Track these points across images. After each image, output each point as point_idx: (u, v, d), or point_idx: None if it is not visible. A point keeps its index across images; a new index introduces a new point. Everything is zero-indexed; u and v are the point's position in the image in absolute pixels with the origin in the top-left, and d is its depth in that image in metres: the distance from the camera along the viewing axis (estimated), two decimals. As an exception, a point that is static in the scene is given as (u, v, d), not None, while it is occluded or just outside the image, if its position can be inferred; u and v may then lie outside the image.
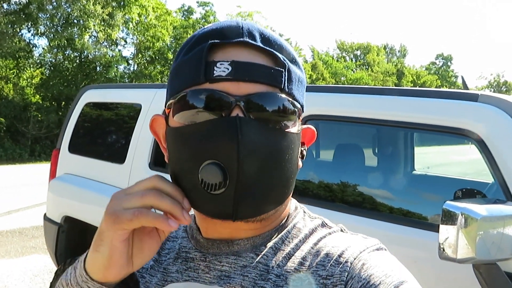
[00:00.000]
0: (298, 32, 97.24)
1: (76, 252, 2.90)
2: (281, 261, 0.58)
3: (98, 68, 18.71)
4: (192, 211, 0.59)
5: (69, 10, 15.18)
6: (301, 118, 0.60)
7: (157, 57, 21.10)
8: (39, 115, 17.10)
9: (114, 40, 18.19)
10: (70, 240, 3.01)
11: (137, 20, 18.70)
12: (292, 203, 0.66)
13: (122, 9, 16.42)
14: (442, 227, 1.24)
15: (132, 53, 21.70)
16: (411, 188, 2.58)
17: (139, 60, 21.06)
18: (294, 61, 0.59)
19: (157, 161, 2.59)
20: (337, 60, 39.53)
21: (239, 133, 0.51)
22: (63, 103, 17.85)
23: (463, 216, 1.20)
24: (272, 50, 0.56)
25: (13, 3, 15.45)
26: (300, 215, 0.65)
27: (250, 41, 0.55)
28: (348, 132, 2.31)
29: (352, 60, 43.37)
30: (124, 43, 20.20)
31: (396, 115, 1.84)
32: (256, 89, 0.54)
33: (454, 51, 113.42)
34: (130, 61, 21.12)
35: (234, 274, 0.58)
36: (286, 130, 0.56)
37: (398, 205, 1.99)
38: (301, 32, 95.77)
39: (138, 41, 20.32)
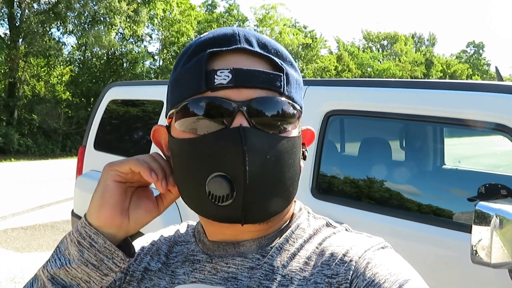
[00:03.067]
0: (323, 23, 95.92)
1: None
2: (286, 261, 0.59)
3: (124, 64, 19.05)
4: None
5: (95, 8, 15.48)
6: (300, 119, 0.62)
7: (182, 52, 21.26)
8: (70, 112, 17.60)
9: (140, 36, 18.46)
10: (97, 235, 3.05)
11: (162, 16, 18.89)
12: (296, 204, 0.67)
13: (147, 5, 16.61)
14: (475, 229, 1.16)
15: (157, 48, 22.02)
16: (441, 183, 2.47)
17: (164, 55, 21.30)
18: (291, 65, 0.61)
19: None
20: (363, 51, 38.79)
21: (244, 145, 0.52)
22: (92, 99, 18.30)
23: (498, 217, 1.12)
24: (269, 55, 0.57)
25: (42, 3, 15.88)
26: (304, 216, 0.66)
27: (248, 47, 0.57)
28: (375, 127, 2.23)
29: (378, 50, 42.47)
30: (150, 39, 20.49)
31: (428, 109, 1.75)
32: (257, 94, 0.55)
33: (486, 38, 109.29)
34: (156, 57, 21.41)
35: (241, 276, 0.59)
36: (287, 135, 0.57)
37: (427, 201, 1.91)
38: (326, 23, 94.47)
39: (163, 36, 20.56)
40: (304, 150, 0.63)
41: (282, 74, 0.56)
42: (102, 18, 16.00)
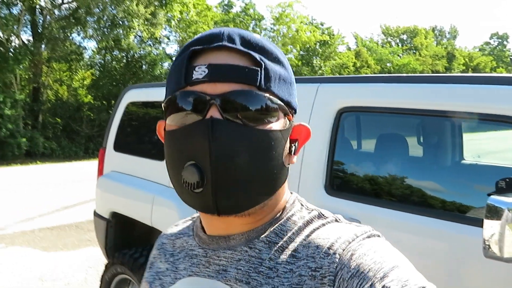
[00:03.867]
0: (340, 20, 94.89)
1: (124, 246, 3.03)
2: (273, 254, 0.60)
3: (144, 66, 19.34)
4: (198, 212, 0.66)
5: (114, 12, 15.74)
6: (291, 115, 0.63)
7: (199, 53, 21.41)
8: (91, 115, 17.98)
9: (158, 38, 18.69)
10: (118, 234, 3.13)
11: (179, 18, 19.08)
12: (291, 197, 0.68)
13: (164, 7, 16.80)
14: (487, 223, 1.16)
15: (175, 50, 22.22)
16: (460, 178, 2.44)
17: (182, 56, 21.46)
18: (276, 60, 0.61)
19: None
20: (382, 46, 38.24)
21: (210, 135, 0.54)
22: (113, 101, 18.65)
23: (510, 211, 1.11)
24: (247, 50, 0.58)
25: (63, 8, 16.26)
26: (297, 208, 0.66)
27: (228, 44, 0.58)
28: (390, 123, 2.21)
29: (398, 45, 41.80)
30: (167, 40, 20.75)
31: (441, 104, 1.74)
32: (232, 88, 0.56)
33: (510, 29, 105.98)
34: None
35: (230, 268, 0.61)
36: (263, 128, 0.58)
37: (445, 196, 1.89)
38: (344, 19, 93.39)
39: (180, 38, 20.75)
40: (292, 145, 0.64)
41: (260, 68, 0.57)
42: (120, 22, 16.26)
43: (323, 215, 0.65)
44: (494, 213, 1.14)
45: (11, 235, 5.74)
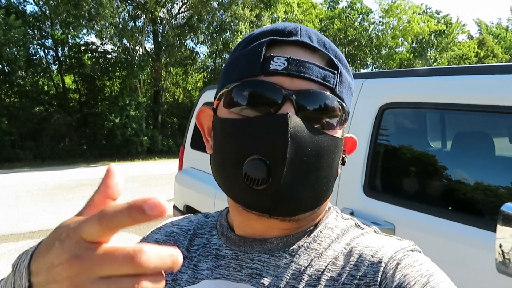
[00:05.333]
0: (461, 5, 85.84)
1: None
2: (313, 260, 0.57)
3: (251, 67, 20.08)
4: (225, 206, 0.65)
5: (222, 17, 16.68)
6: (345, 124, 0.60)
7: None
8: (203, 115, 19.30)
9: (263, 39, 19.20)
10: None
11: (284, 18, 19.36)
12: (328, 205, 0.66)
13: (268, 9, 17.22)
14: (501, 232, 1.01)
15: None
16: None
17: (286, 56, 21.74)
18: (346, 68, 0.60)
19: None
20: (514, 32, 33.60)
21: (289, 132, 0.51)
22: (222, 102, 19.70)
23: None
24: (326, 52, 0.57)
25: (179, 18, 17.77)
26: (333, 216, 0.64)
27: (308, 41, 0.57)
28: (437, 119, 1.99)
29: (535, 30, 36.26)
30: (273, 41, 21.16)
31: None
32: (309, 86, 0.55)
33: None
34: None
35: (266, 273, 0.57)
36: (331, 134, 0.56)
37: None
38: (465, 5, 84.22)
39: (285, 38, 21.02)
40: (344, 155, 0.62)
41: (336, 72, 0.56)
42: (228, 26, 17.17)
43: (359, 225, 0.64)
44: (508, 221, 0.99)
45: (123, 222, 6.52)
